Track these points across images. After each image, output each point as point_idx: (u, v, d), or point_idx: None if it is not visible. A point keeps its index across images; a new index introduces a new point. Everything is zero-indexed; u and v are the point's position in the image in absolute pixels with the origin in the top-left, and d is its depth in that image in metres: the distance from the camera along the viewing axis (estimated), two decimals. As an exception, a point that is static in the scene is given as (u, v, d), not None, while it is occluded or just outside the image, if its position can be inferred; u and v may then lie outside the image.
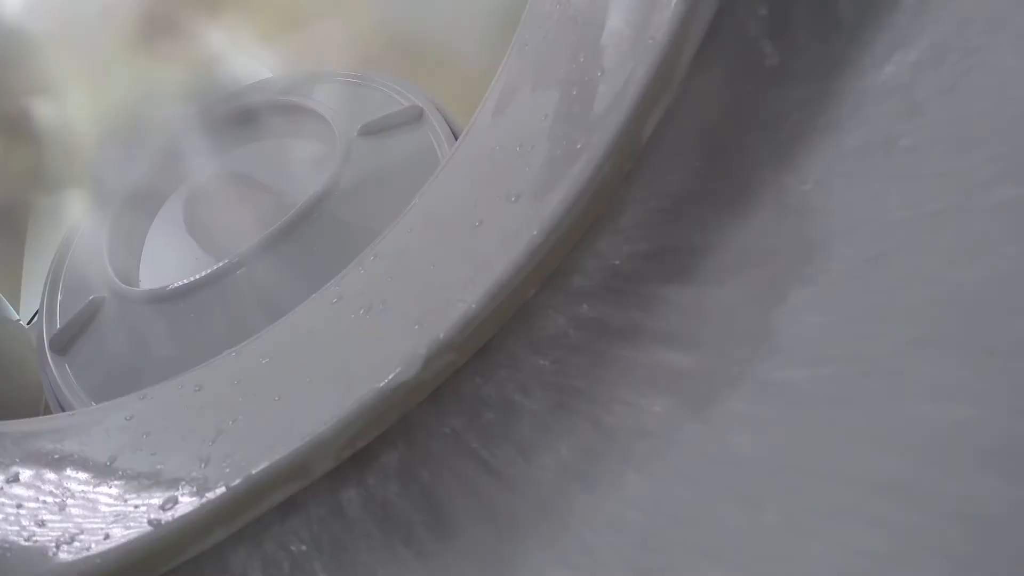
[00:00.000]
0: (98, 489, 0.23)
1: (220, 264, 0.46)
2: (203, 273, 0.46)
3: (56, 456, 0.25)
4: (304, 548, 0.21)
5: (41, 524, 0.22)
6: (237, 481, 0.21)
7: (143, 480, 0.23)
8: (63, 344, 0.48)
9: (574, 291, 0.24)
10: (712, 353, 0.20)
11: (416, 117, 0.53)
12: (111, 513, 0.22)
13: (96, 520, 0.22)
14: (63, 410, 0.44)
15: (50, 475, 0.25)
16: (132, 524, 0.21)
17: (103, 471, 0.24)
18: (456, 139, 0.47)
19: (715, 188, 0.23)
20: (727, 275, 0.21)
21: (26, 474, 0.25)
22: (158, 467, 0.23)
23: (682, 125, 0.24)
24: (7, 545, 0.22)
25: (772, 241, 0.20)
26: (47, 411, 0.49)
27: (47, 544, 0.21)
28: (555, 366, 0.23)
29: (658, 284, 0.22)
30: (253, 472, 0.21)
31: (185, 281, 0.46)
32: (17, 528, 0.22)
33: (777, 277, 0.20)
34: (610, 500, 0.19)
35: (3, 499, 0.24)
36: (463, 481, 0.22)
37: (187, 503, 0.21)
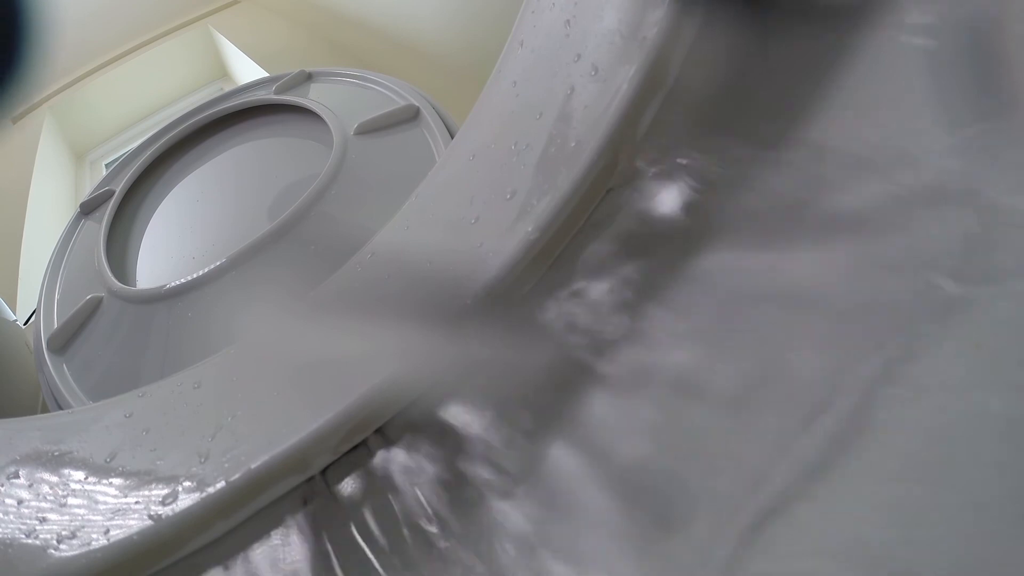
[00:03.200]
0: (98, 485, 0.23)
1: (217, 263, 0.46)
2: (200, 272, 0.46)
3: (56, 453, 0.25)
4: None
5: (42, 520, 0.22)
6: (236, 476, 0.21)
7: (143, 476, 0.23)
8: (60, 344, 0.48)
9: (571, 282, 0.24)
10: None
11: (412, 116, 0.54)
12: (111, 508, 0.22)
13: (97, 515, 0.22)
14: (61, 409, 0.44)
15: (50, 472, 0.25)
16: (133, 519, 0.21)
17: (103, 467, 0.24)
18: (452, 137, 0.48)
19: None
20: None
21: (26, 471, 0.25)
22: (158, 463, 0.23)
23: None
24: (9, 541, 0.22)
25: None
26: (44, 411, 0.49)
27: (49, 539, 0.21)
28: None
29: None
30: (252, 467, 0.21)
31: (182, 280, 0.46)
32: (18, 525, 0.22)
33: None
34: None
35: (4, 496, 0.24)
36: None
37: (187, 498, 0.21)
